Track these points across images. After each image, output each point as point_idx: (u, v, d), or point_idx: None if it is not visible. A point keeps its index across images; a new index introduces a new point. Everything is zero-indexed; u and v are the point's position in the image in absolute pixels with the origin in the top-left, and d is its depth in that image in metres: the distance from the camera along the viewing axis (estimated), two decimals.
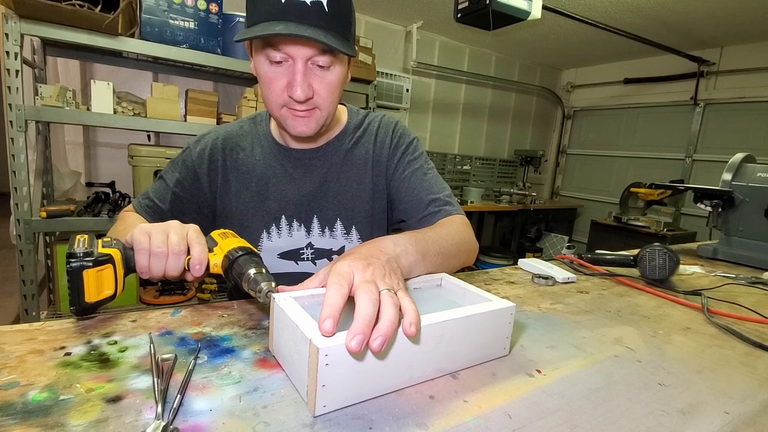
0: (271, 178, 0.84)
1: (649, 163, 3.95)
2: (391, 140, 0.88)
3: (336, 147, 0.86)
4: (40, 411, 0.39)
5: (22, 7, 1.52)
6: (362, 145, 0.87)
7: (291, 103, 0.71)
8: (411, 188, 0.85)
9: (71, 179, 2.15)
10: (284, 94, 0.70)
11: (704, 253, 1.37)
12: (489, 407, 0.45)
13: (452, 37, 3.72)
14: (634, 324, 0.73)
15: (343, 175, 0.86)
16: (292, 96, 0.69)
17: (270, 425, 0.39)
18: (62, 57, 2.12)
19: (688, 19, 2.89)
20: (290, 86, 0.68)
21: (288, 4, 0.62)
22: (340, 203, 0.86)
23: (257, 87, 2.11)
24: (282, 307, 0.49)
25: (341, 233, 0.87)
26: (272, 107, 0.74)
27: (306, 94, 0.68)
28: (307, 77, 0.69)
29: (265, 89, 0.72)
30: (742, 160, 1.30)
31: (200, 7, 1.87)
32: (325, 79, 0.70)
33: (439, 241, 0.68)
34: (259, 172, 0.84)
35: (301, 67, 0.67)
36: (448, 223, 0.78)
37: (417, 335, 0.43)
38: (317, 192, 0.85)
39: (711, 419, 0.46)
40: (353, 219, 0.86)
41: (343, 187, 0.86)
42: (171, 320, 0.60)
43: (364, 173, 0.87)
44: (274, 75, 0.69)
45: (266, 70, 0.70)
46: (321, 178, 0.85)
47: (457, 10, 1.88)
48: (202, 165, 0.83)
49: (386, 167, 0.88)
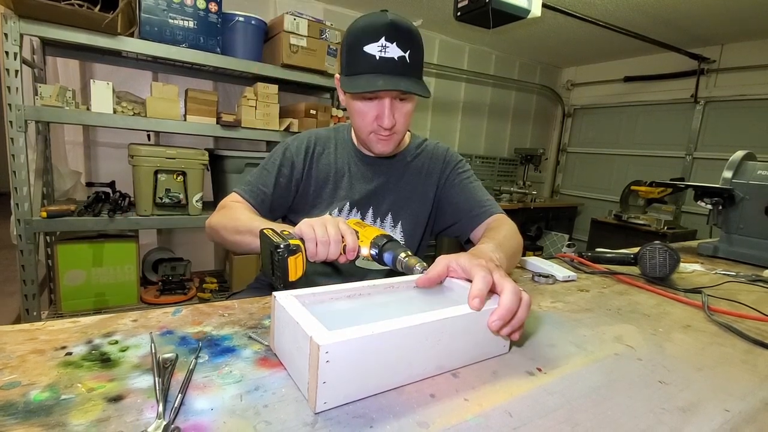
0: (346, 173, 1.04)
1: (650, 161, 3.95)
2: (444, 158, 1.10)
3: (400, 159, 1.07)
4: (41, 411, 0.39)
5: (22, 7, 1.51)
6: (420, 160, 1.08)
7: (379, 131, 0.92)
8: (463, 193, 1.05)
9: (71, 179, 2.14)
10: (374, 123, 0.91)
11: (705, 251, 1.37)
12: (490, 405, 0.45)
13: (452, 36, 3.71)
14: (634, 322, 0.73)
15: (401, 180, 1.06)
16: (382, 125, 0.89)
17: (271, 424, 0.39)
18: (62, 57, 2.12)
19: (688, 16, 2.88)
20: (380, 118, 0.89)
21: (381, 61, 0.83)
22: (393, 201, 1.05)
23: (257, 86, 2.11)
24: (283, 305, 0.49)
25: (389, 225, 1.05)
26: (362, 133, 0.95)
27: (391, 123, 0.89)
28: (392, 110, 0.88)
29: (358, 119, 0.92)
30: (742, 157, 1.30)
31: (200, 7, 1.87)
32: (403, 110, 0.91)
33: (506, 244, 0.83)
34: (338, 167, 1.04)
35: (388, 104, 0.87)
36: (502, 226, 0.93)
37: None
38: (378, 189, 1.04)
39: (711, 417, 0.46)
40: (401, 215, 1.05)
41: (399, 189, 1.05)
42: (172, 320, 0.60)
43: (418, 181, 1.07)
44: (366, 109, 0.90)
45: (359, 106, 0.90)
46: (384, 179, 1.04)
47: (457, 8, 1.88)
48: (299, 155, 1.02)
49: (438, 179, 1.08)
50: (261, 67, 2.11)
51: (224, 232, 0.87)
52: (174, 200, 1.94)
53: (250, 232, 0.80)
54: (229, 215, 0.90)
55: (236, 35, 2.06)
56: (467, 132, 4.14)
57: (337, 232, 0.68)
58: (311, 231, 0.67)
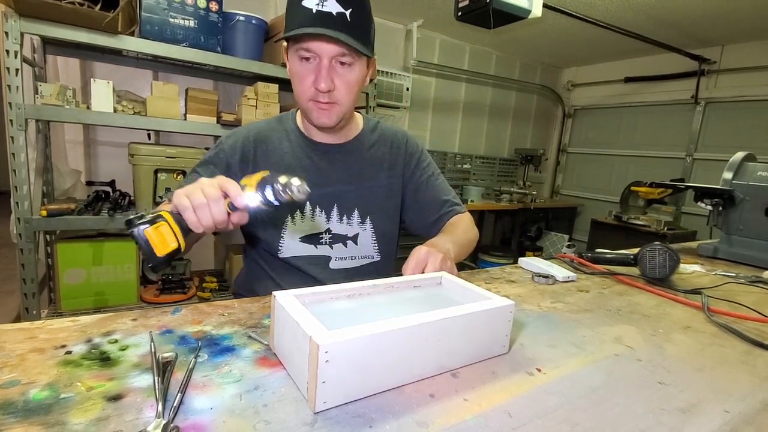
0: (299, 167, 0.93)
1: (650, 161, 3.94)
2: (406, 149, 1.03)
3: (356, 146, 0.98)
4: (40, 409, 0.39)
5: (22, 6, 1.51)
6: (378, 148, 1.01)
7: (317, 96, 0.83)
8: (427, 192, 1.02)
9: (71, 178, 2.14)
10: (312, 88, 0.82)
11: (704, 251, 1.37)
12: (489, 406, 0.45)
13: (452, 36, 3.71)
14: (634, 323, 0.73)
15: (363, 171, 0.98)
16: (318, 87, 0.81)
17: (270, 423, 0.39)
18: (62, 55, 2.12)
19: (689, 17, 2.88)
20: (316, 80, 0.81)
21: (318, 14, 0.76)
22: (358, 195, 0.97)
23: (257, 85, 2.11)
24: (283, 305, 0.49)
25: (357, 222, 0.97)
26: (301, 100, 0.86)
27: (328, 86, 0.80)
28: (330, 73, 0.81)
29: (296, 84, 0.85)
30: (742, 158, 1.30)
31: (200, 6, 1.87)
32: (345, 77, 0.83)
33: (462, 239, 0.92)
34: (288, 162, 0.93)
35: (326, 63, 0.80)
36: (461, 222, 1.00)
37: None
38: (339, 182, 0.95)
39: (711, 417, 0.46)
40: (369, 210, 0.98)
41: (362, 181, 0.97)
42: (171, 319, 0.60)
43: (381, 172, 0.99)
44: (304, 71, 0.82)
45: (297, 68, 0.83)
46: (344, 171, 0.96)
47: (458, 8, 1.88)
48: (234, 155, 0.92)
49: (402, 172, 1.02)
50: (261, 67, 2.10)
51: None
52: None
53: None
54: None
55: (237, 34, 2.06)
56: (467, 132, 4.14)
57: (214, 189, 0.61)
58: (185, 199, 0.60)
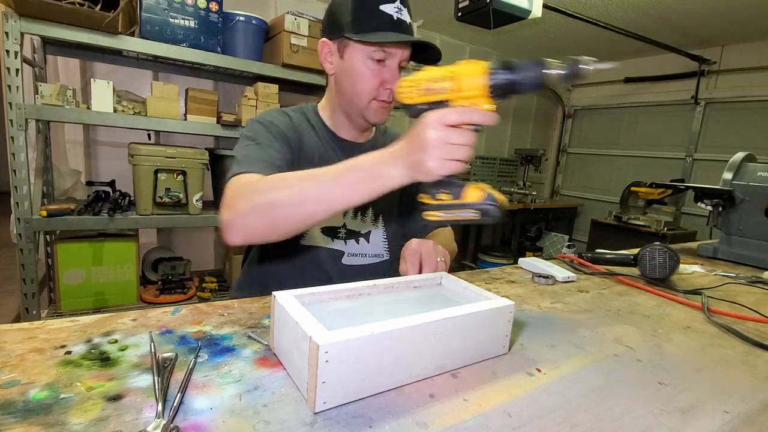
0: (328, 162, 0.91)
1: (650, 162, 3.94)
2: None
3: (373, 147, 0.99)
4: (40, 409, 0.39)
5: (23, 6, 1.51)
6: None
7: (381, 96, 0.84)
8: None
9: (71, 178, 2.14)
10: (379, 89, 0.84)
11: (704, 252, 1.37)
12: (489, 406, 0.45)
13: (452, 36, 3.71)
14: (634, 323, 0.73)
15: None
16: (392, 88, 0.83)
17: (270, 424, 0.39)
18: (62, 56, 2.12)
19: (688, 17, 2.88)
20: (388, 82, 0.83)
21: (398, 21, 0.81)
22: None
23: (257, 86, 2.11)
24: (283, 305, 0.49)
25: (371, 219, 1.00)
26: (362, 98, 0.85)
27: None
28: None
29: (361, 82, 0.84)
30: (742, 159, 1.30)
31: (200, 6, 1.87)
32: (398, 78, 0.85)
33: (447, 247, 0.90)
34: (319, 154, 0.94)
35: (396, 65, 0.83)
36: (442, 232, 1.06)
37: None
38: None
39: (711, 418, 0.46)
40: (381, 209, 1.01)
41: None
42: (171, 319, 0.60)
43: None
44: (372, 71, 0.83)
45: (366, 67, 0.83)
46: None
47: (458, 8, 1.88)
48: (289, 130, 0.89)
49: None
50: (261, 67, 2.10)
51: (279, 193, 0.63)
52: (174, 199, 1.94)
53: (326, 173, 0.62)
54: (268, 184, 0.66)
55: (237, 35, 2.06)
56: None
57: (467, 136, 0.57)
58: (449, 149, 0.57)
